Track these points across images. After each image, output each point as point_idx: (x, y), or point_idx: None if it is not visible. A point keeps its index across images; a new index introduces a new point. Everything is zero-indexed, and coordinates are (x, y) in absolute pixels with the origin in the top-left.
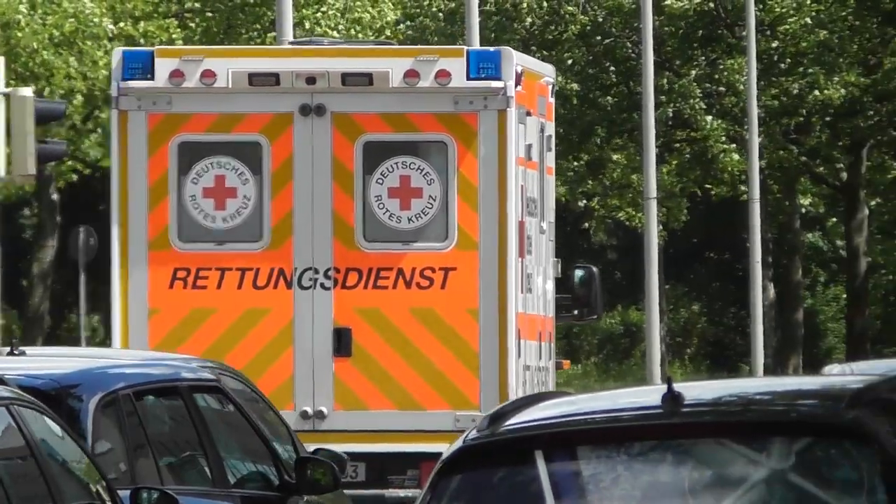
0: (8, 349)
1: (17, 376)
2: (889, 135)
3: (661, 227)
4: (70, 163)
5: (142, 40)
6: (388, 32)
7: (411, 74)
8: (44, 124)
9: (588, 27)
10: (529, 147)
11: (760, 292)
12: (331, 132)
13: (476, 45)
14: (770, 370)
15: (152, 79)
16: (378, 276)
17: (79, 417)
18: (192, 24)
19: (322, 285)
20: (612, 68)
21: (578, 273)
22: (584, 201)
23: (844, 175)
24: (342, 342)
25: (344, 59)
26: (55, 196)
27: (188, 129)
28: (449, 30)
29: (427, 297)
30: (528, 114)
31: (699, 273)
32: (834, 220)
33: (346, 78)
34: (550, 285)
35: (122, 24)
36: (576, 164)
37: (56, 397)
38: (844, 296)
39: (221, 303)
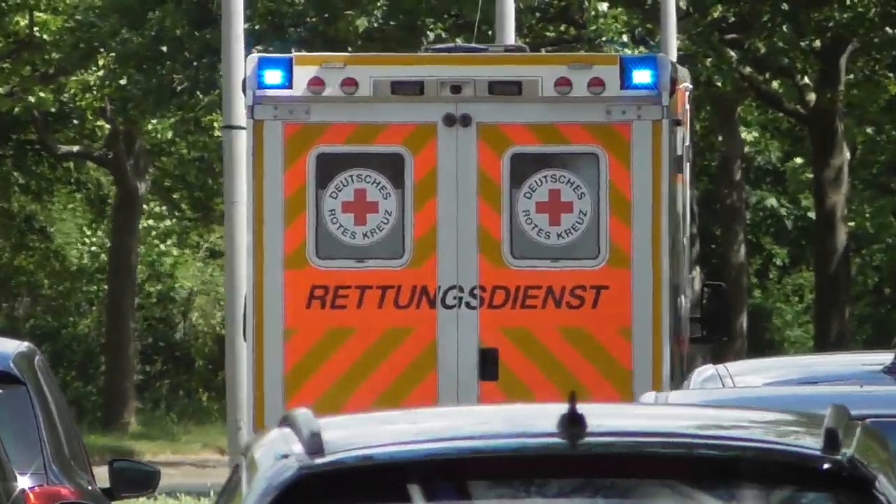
0: None
1: None
2: (879, 33)
3: None
4: None
5: None
6: None
7: (563, 83)
8: None
9: None
10: (679, 158)
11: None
12: (476, 144)
13: None
14: None
15: (290, 87)
16: (526, 294)
17: None
18: None
19: (467, 304)
20: None
21: (707, 290)
22: None
23: (812, 96)
24: (488, 364)
25: (491, 67)
26: None
27: (327, 139)
28: None
29: (578, 316)
30: (678, 123)
31: None
32: (800, 164)
33: (494, 86)
34: (685, 302)
35: None
36: None
37: None
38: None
39: (361, 322)
